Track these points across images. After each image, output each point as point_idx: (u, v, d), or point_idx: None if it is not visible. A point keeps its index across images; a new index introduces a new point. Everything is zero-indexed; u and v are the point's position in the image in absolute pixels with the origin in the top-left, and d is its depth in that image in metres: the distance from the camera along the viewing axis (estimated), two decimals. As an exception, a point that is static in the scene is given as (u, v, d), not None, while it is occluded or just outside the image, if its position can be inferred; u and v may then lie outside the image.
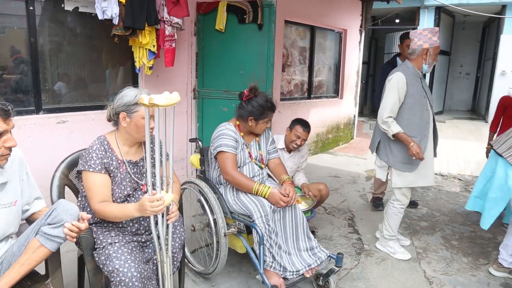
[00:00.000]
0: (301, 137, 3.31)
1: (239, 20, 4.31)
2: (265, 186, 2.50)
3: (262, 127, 2.69)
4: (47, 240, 1.72)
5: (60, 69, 3.73)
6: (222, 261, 2.58)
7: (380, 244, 3.39)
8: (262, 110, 2.61)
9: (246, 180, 2.54)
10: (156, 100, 1.69)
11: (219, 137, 2.61)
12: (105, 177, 2.04)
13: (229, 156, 2.55)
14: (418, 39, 3.02)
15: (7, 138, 1.64)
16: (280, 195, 2.46)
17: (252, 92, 2.64)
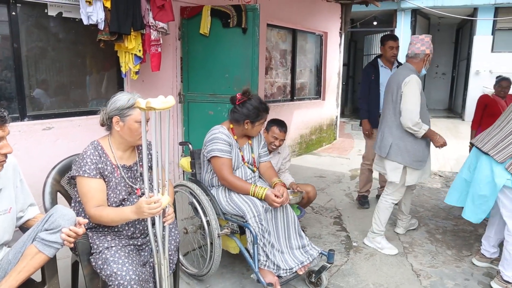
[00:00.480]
0: (278, 137, 3.33)
1: (223, 24, 4.35)
2: (261, 188, 2.55)
3: (258, 129, 2.74)
4: (44, 246, 1.72)
5: (45, 75, 3.69)
6: (216, 262, 2.61)
7: (368, 240, 3.47)
8: (258, 112, 2.65)
9: (242, 183, 2.59)
10: (153, 104, 1.71)
11: (212, 141, 2.63)
12: (100, 182, 2.05)
13: (224, 162, 2.58)
14: (421, 45, 3.19)
15: (3, 144, 1.64)
16: (274, 197, 2.51)
17: (245, 96, 2.68)
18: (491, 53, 10.42)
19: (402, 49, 11.10)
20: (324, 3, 7.30)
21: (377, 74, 4.25)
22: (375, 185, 4.79)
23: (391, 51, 4.22)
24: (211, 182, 2.75)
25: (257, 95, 2.82)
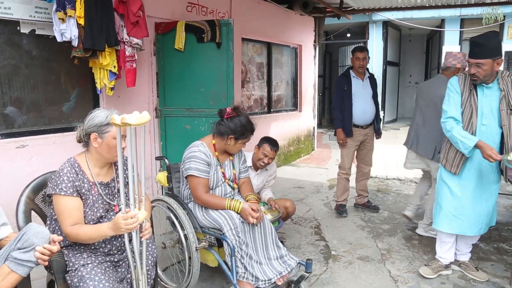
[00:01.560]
0: (269, 155, 3.38)
1: (197, 39, 4.40)
2: (236, 201, 2.57)
3: (238, 147, 2.76)
4: (17, 265, 1.70)
5: (18, 93, 3.65)
6: (195, 276, 2.61)
7: (422, 231, 3.84)
8: (244, 130, 2.68)
9: (216, 199, 2.61)
10: (128, 120, 1.73)
11: (190, 159, 2.64)
12: (76, 200, 2.03)
13: (200, 181, 2.60)
14: (453, 59, 3.55)
15: None
16: (250, 210, 2.53)
17: (235, 111, 2.71)
18: None
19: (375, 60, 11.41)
20: (297, 17, 7.46)
21: (349, 85, 4.36)
22: (353, 194, 4.87)
23: (358, 62, 4.36)
24: (190, 197, 2.76)
25: (246, 114, 2.85)
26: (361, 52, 4.38)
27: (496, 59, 2.63)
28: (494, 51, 2.63)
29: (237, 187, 2.86)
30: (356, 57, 4.37)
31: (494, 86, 2.74)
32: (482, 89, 2.77)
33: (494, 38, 2.67)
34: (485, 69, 2.64)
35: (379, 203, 4.90)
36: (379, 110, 4.59)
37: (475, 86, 2.78)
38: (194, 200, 2.68)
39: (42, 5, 3.57)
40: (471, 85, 2.78)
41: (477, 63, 2.64)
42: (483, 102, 2.77)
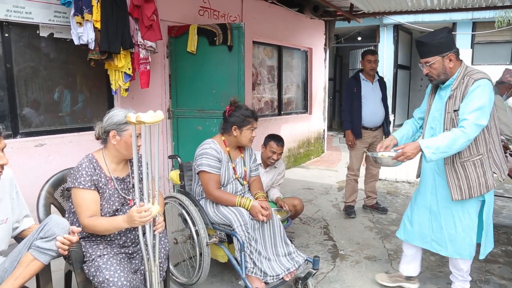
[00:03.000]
0: (276, 152, 3.47)
1: (209, 42, 4.51)
2: (247, 199, 2.65)
3: (247, 135, 2.79)
4: (40, 253, 1.81)
5: (37, 94, 3.80)
6: (205, 270, 2.69)
7: None
8: (243, 117, 2.76)
9: (227, 196, 2.69)
10: (142, 118, 1.83)
11: (202, 155, 2.74)
12: (94, 193, 2.14)
13: (211, 177, 2.69)
14: (510, 76, 3.77)
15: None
16: (260, 208, 2.62)
17: (233, 106, 2.81)
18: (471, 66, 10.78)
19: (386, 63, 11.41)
20: (308, 20, 7.54)
21: (359, 87, 4.43)
22: (361, 196, 4.92)
23: (369, 64, 4.41)
24: (201, 194, 2.85)
25: (244, 104, 2.94)
26: (373, 55, 4.43)
27: (445, 55, 2.44)
28: (441, 47, 2.44)
29: (247, 184, 2.94)
30: (368, 60, 4.42)
31: (448, 87, 2.53)
32: (439, 90, 2.62)
33: (440, 34, 2.46)
34: (436, 67, 2.47)
35: (387, 205, 4.93)
36: (388, 113, 4.64)
37: (436, 87, 2.65)
38: (205, 196, 2.77)
39: (61, 9, 3.72)
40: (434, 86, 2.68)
41: (425, 62, 2.51)
42: (436, 104, 2.62)
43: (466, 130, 2.32)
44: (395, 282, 2.95)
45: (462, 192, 2.48)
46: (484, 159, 2.47)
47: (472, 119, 2.32)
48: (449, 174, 2.52)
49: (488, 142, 2.48)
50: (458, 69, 2.49)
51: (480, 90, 2.35)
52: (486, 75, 2.43)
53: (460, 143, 2.33)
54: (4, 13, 3.40)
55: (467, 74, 2.44)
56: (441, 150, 2.34)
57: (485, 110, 2.34)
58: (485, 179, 2.46)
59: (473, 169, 2.46)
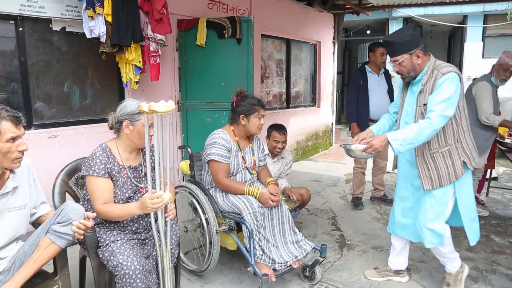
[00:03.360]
0: (280, 140, 3.53)
1: (218, 35, 4.56)
2: (255, 187, 2.71)
3: (255, 123, 2.83)
4: (57, 237, 1.89)
5: (50, 86, 3.88)
6: (215, 257, 2.76)
7: None
8: (250, 106, 2.81)
9: (236, 184, 2.75)
10: (155, 107, 1.90)
11: (211, 145, 2.79)
12: (107, 181, 2.21)
13: (221, 166, 2.75)
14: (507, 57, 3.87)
15: (20, 142, 1.81)
16: (269, 195, 2.67)
17: (239, 96, 2.86)
18: (482, 59, 10.65)
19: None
20: (316, 13, 7.54)
21: (365, 80, 4.44)
22: (369, 188, 4.95)
23: (381, 57, 4.37)
24: (211, 183, 2.91)
25: (250, 93, 2.99)
26: (384, 48, 4.35)
27: (413, 52, 2.49)
28: (408, 45, 2.48)
29: (255, 173, 2.99)
30: (381, 52, 4.36)
31: (419, 82, 2.57)
32: (411, 85, 2.66)
33: (405, 32, 2.51)
34: (405, 65, 2.52)
35: (395, 196, 4.96)
36: None
37: (408, 82, 2.68)
38: (215, 185, 2.83)
39: (72, 3, 3.80)
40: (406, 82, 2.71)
41: (394, 61, 2.55)
42: (409, 98, 2.66)
43: (431, 121, 2.38)
44: (385, 276, 2.99)
45: (433, 182, 2.56)
46: (452, 149, 2.54)
47: (438, 110, 2.38)
48: (420, 166, 2.59)
49: (456, 132, 2.54)
50: (427, 64, 2.53)
51: (447, 83, 2.40)
52: (455, 68, 2.48)
53: (426, 133, 2.39)
54: (18, 7, 3.49)
55: (436, 68, 2.49)
56: (408, 141, 2.40)
57: (452, 102, 2.39)
58: (454, 168, 2.53)
59: (442, 160, 2.53)
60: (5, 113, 1.74)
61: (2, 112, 1.73)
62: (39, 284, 2.00)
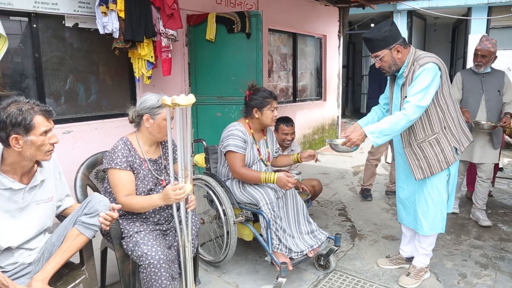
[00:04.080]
0: (288, 132, 3.59)
1: (228, 30, 4.60)
2: (271, 173, 2.75)
3: (268, 115, 2.87)
4: (85, 228, 1.95)
5: (63, 82, 3.94)
6: (232, 248, 2.82)
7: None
8: (262, 99, 2.85)
9: (253, 173, 2.80)
10: (178, 100, 1.95)
11: (228, 137, 2.85)
12: (129, 174, 2.27)
13: (237, 156, 2.80)
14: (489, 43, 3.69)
15: (51, 135, 1.87)
16: (287, 178, 2.72)
17: (251, 90, 2.91)
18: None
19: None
20: (322, 7, 7.56)
21: None
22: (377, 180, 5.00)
23: None
24: (227, 174, 2.97)
25: (261, 86, 3.03)
26: None
27: (392, 47, 2.54)
28: (386, 41, 2.53)
29: (270, 165, 3.05)
30: None
31: (402, 75, 2.62)
32: (397, 79, 2.70)
33: (384, 28, 2.54)
34: (386, 60, 2.57)
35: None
36: None
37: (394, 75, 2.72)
38: (232, 175, 2.88)
39: (85, 0, 3.84)
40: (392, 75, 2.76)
41: (375, 56, 2.60)
42: (396, 91, 2.71)
43: (406, 112, 2.43)
44: (396, 264, 3.06)
45: (424, 171, 2.62)
46: (439, 137, 2.59)
47: (413, 101, 2.43)
48: (409, 156, 2.66)
49: (443, 120, 2.58)
50: (407, 56, 2.58)
51: (424, 73, 2.44)
52: (433, 58, 2.51)
53: (402, 124, 2.45)
54: (32, 4, 3.53)
55: (416, 60, 2.54)
56: (384, 133, 2.46)
57: (428, 92, 2.43)
58: (444, 156, 2.58)
59: (430, 148, 2.59)
60: (37, 107, 1.80)
61: (34, 107, 1.79)
62: (67, 274, 2.07)
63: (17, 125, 1.72)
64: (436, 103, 2.56)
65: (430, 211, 2.68)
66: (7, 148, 1.79)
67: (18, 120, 1.72)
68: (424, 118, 2.57)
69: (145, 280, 2.17)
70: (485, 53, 3.63)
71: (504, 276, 2.92)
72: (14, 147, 1.74)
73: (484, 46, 3.64)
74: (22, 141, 1.74)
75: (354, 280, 2.87)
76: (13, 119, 1.72)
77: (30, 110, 1.77)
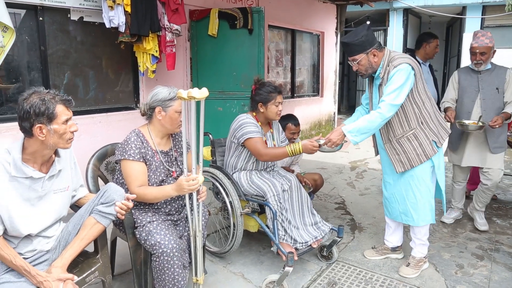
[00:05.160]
0: (295, 131, 3.67)
1: (230, 25, 4.65)
2: (295, 144, 2.83)
3: (273, 110, 2.95)
4: (102, 217, 2.01)
5: (68, 75, 3.97)
6: (238, 239, 2.90)
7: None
8: (266, 93, 2.92)
9: (279, 150, 2.87)
10: (193, 94, 2.01)
11: (241, 126, 2.91)
12: (142, 165, 2.33)
13: (257, 140, 2.86)
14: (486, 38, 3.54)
15: (71, 124, 1.92)
16: (311, 144, 2.80)
17: (257, 84, 2.98)
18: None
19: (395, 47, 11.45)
20: (320, 4, 7.63)
21: None
22: (374, 175, 5.09)
23: (436, 49, 4.32)
24: (235, 166, 3.02)
25: (266, 81, 3.11)
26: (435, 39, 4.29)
27: (369, 51, 2.65)
28: (362, 46, 2.65)
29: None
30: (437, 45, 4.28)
31: (378, 76, 2.74)
32: (374, 80, 2.82)
33: (361, 33, 2.65)
34: (363, 64, 2.69)
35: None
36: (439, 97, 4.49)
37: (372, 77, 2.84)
38: (259, 159, 2.92)
39: (91, -7, 3.88)
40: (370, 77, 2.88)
41: (352, 60, 2.73)
42: (375, 92, 2.83)
43: (381, 111, 2.57)
44: (383, 254, 3.16)
45: (404, 164, 2.76)
46: (417, 132, 2.72)
47: (388, 100, 2.56)
48: (389, 151, 2.81)
49: (419, 116, 2.71)
50: (383, 58, 2.71)
51: (397, 74, 2.57)
52: (406, 59, 2.63)
53: (378, 122, 2.60)
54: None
55: (390, 61, 2.66)
56: (361, 131, 2.61)
57: (402, 91, 2.57)
58: (422, 149, 2.71)
59: (408, 143, 2.73)
60: (58, 97, 1.85)
61: (55, 96, 1.85)
62: (82, 262, 2.13)
63: (40, 115, 1.78)
64: (412, 100, 2.69)
65: (419, 203, 2.81)
66: (28, 137, 1.84)
67: (42, 110, 1.78)
68: (401, 115, 2.71)
69: (157, 269, 2.24)
70: (484, 50, 3.41)
71: (499, 266, 3.03)
72: (38, 136, 1.79)
73: (481, 42, 3.42)
74: (46, 130, 1.80)
75: (356, 270, 2.97)
76: (37, 109, 1.77)
77: (52, 100, 1.83)
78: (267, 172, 3.04)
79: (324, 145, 2.74)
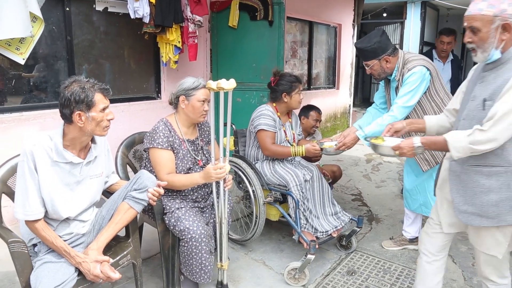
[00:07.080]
0: (318, 119, 3.75)
1: (250, 17, 4.69)
2: (299, 146, 2.92)
3: (296, 99, 3.03)
4: (135, 203, 2.10)
5: (92, 65, 4.06)
6: (260, 227, 2.98)
7: None
8: (290, 83, 2.99)
9: (282, 148, 2.96)
10: (222, 84, 2.08)
11: (259, 116, 2.99)
12: (170, 153, 2.41)
13: (268, 134, 2.94)
14: None
15: (108, 112, 2.01)
16: (313, 148, 2.87)
17: (276, 76, 3.03)
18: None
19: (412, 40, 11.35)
20: (338, -4, 7.61)
21: None
22: (390, 168, 5.12)
23: (441, 45, 4.28)
24: (256, 156, 3.10)
25: (286, 72, 3.17)
26: (447, 36, 4.26)
27: (381, 58, 2.70)
28: (375, 52, 2.69)
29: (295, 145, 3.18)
30: (441, 41, 4.31)
31: (394, 78, 2.80)
32: (390, 82, 2.87)
33: (373, 39, 2.68)
34: (375, 69, 2.75)
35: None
36: None
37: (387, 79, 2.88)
38: (263, 152, 3.01)
39: (115, -16, 3.94)
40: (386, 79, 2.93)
41: (365, 65, 2.78)
42: (392, 94, 2.87)
43: (393, 113, 2.65)
44: (400, 245, 3.22)
45: (429, 162, 2.81)
46: None
47: (400, 102, 2.64)
48: None
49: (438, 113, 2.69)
50: (397, 62, 2.74)
51: (412, 77, 2.63)
52: (420, 61, 2.67)
53: None
54: (66, -12, 3.64)
55: (405, 63, 2.71)
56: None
57: (415, 94, 2.63)
58: None
59: None
60: (97, 86, 1.93)
61: (94, 85, 1.93)
62: (115, 246, 2.22)
63: (80, 102, 1.86)
64: (430, 98, 2.73)
65: None
66: (68, 124, 1.92)
67: (81, 98, 1.86)
68: (420, 114, 2.75)
69: (185, 254, 2.33)
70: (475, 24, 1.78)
71: (517, 260, 3.06)
72: (77, 122, 1.87)
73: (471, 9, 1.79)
74: (85, 117, 1.88)
75: (374, 260, 3.03)
76: (77, 97, 1.86)
77: (91, 88, 1.91)
78: (289, 162, 3.10)
79: (337, 148, 2.80)
